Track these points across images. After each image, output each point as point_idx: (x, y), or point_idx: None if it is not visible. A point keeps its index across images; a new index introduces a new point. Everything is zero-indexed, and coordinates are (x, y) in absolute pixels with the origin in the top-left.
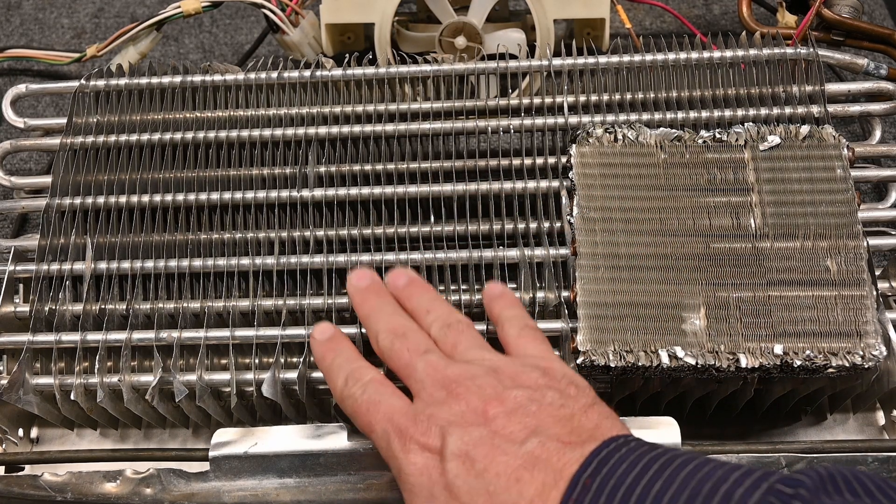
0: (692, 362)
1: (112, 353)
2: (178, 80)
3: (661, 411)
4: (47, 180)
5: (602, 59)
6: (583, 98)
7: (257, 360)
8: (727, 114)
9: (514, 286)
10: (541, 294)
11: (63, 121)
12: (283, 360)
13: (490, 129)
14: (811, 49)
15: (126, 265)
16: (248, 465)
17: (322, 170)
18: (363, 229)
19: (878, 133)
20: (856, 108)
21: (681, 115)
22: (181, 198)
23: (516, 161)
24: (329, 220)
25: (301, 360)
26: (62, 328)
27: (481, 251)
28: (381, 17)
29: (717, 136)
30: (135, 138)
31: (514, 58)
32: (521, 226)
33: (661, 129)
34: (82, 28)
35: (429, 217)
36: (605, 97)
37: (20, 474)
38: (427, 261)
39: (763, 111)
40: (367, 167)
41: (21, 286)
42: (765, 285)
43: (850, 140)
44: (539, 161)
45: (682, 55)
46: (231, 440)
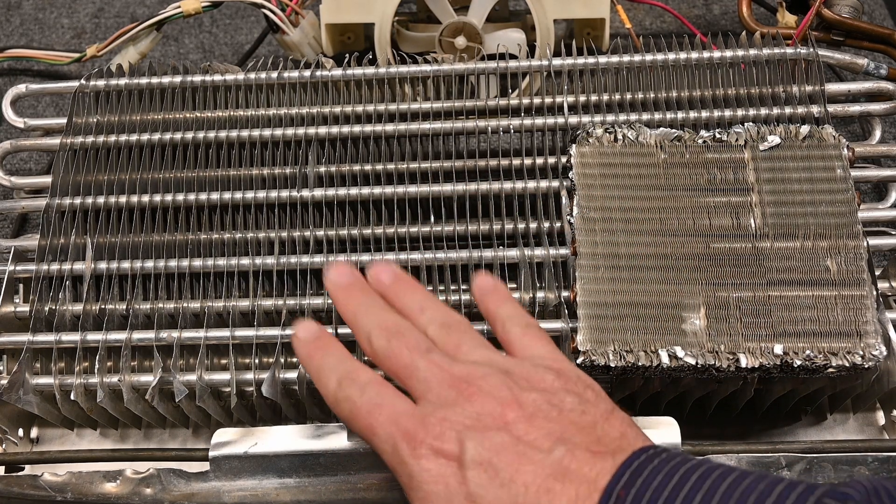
0: (692, 362)
1: (112, 353)
2: (178, 80)
3: (661, 411)
4: (47, 180)
5: (602, 59)
6: (583, 98)
7: (257, 360)
8: (727, 114)
9: (514, 286)
10: (541, 294)
11: (63, 121)
12: (283, 360)
13: (490, 129)
14: (811, 49)
15: (126, 265)
16: (248, 465)
17: (322, 170)
18: (363, 229)
19: (878, 133)
20: (856, 108)
21: (681, 115)
22: (181, 198)
23: (516, 161)
24: (329, 220)
25: None
26: (62, 328)
27: (481, 251)
28: (381, 17)
29: (717, 136)
30: (135, 138)
31: (514, 58)
32: (521, 226)
33: (661, 129)
34: (82, 28)
35: (429, 217)
36: (605, 97)
37: (20, 474)
38: (427, 261)
39: (763, 111)
40: (367, 167)
41: (21, 286)
42: (765, 285)
43: (850, 140)
44: (539, 161)
45: (682, 55)
46: (231, 440)
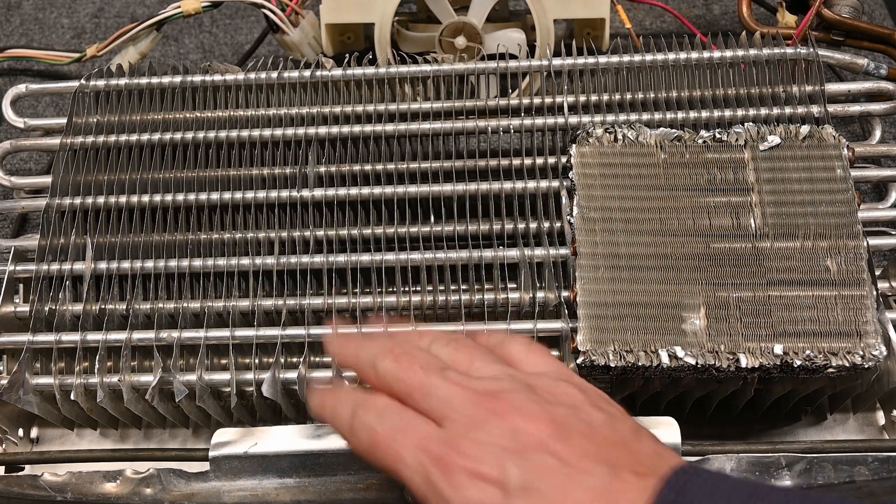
0: (692, 362)
1: (112, 353)
2: (178, 80)
3: (661, 411)
4: (47, 180)
5: (602, 59)
6: (583, 98)
7: (257, 360)
8: (727, 114)
9: (514, 286)
10: (541, 294)
11: (63, 121)
12: (283, 360)
13: (490, 129)
14: (811, 49)
15: (126, 265)
16: (248, 465)
17: (322, 170)
18: (363, 229)
19: (878, 133)
20: (856, 108)
21: (681, 115)
22: (181, 198)
23: (516, 161)
24: (329, 220)
25: (301, 360)
26: (62, 328)
27: (481, 251)
28: (381, 17)
29: (717, 136)
30: (135, 138)
31: (514, 58)
32: (521, 226)
33: (661, 129)
34: (82, 28)
35: (429, 217)
36: (605, 97)
37: (20, 474)
38: (427, 261)
39: (763, 111)
40: (367, 167)
41: (21, 286)
42: (765, 285)
43: (850, 140)
44: (539, 161)
45: (682, 55)
46: (231, 440)
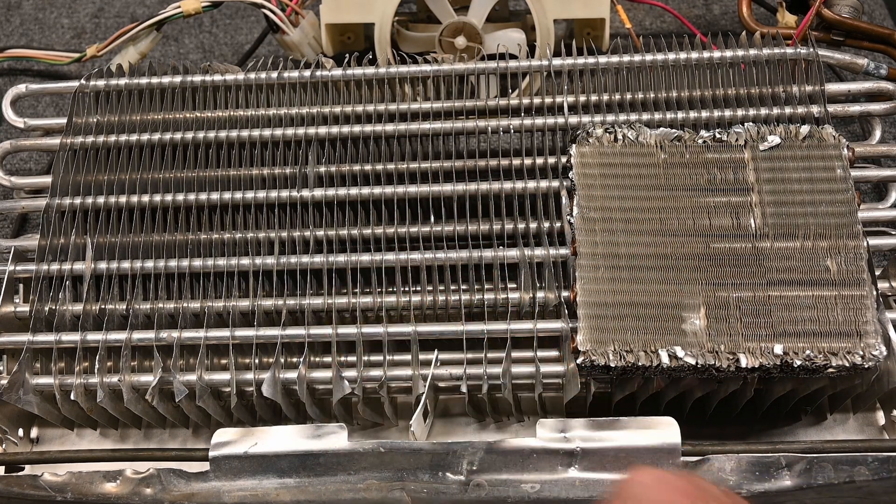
0: (692, 362)
1: (112, 353)
2: (178, 80)
3: (661, 411)
4: (47, 180)
5: (602, 59)
6: (583, 98)
7: (257, 360)
8: (727, 114)
9: (514, 286)
10: (541, 294)
11: (63, 121)
12: (283, 360)
13: (490, 129)
14: (811, 49)
15: (126, 265)
16: (248, 465)
17: (322, 170)
18: (363, 229)
19: (878, 133)
20: (856, 108)
21: (681, 115)
22: (181, 198)
23: (516, 161)
24: (329, 220)
25: (301, 360)
26: (62, 328)
27: (481, 251)
28: (381, 17)
29: (717, 136)
30: (135, 138)
31: (514, 58)
32: (521, 226)
33: (661, 129)
34: (82, 28)
35: (429, 217)
36: (605, 97)
37: (20, 474)
38: (427, 261)
39: (763, 111)
40: (367, 167)
41: (21, 286)
42: (765, 285)
43: (850, 140)
44: (539, 161)
45: (682, 55)
46: (231, 440)
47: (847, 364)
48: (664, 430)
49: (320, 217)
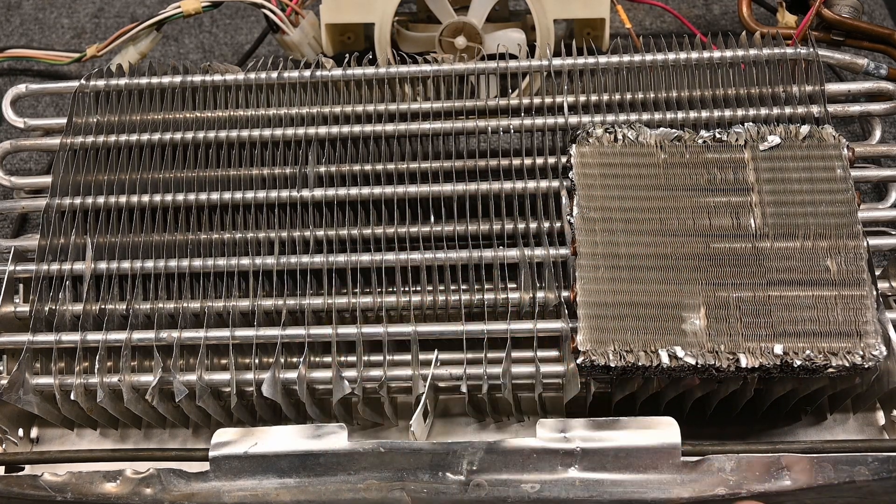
0: (692, 362)
1: (112, 353)
2: (178, 80)
3: (661, 411)
4: (47, 180)
5: (602, 59)
6: (583, 98)
7: (257, 360)
8: (727, 114)
9: (514, 286)
10: (541, 294)
11: (63, 121)
12: (283, 360)
13: (490, 129)
14: (811, 49)
15: (126, 265)
16: (248, 465)
17: (322, 170)
18: (363, 229)
19: (878, 133)
20: (856, 108)
21: (681, 115)
22: (181, 198)
23: (516, 161)
24: (329, 220)
25: (301, 360)
26: (62, 328)
27: (481, 251)
28: (381, 17)
29: (717, 136)
30: (135, 138)
31: (514, 58)
32: (521, 226)
33: (661, 129)
34: (82, 28)
35: (429, 217)
36: (605, 97)
37: (20, 474)
38: (427, 261)
39: (763, 111)
40: (367, 167)
41: (21, 286)
42: (765, 285)
43: (850, 140)
44: (539, 161)
45: (682, 55)
46: (231, 440)
47: (847, 364)
48: (664, 430)
49: (320, 217)
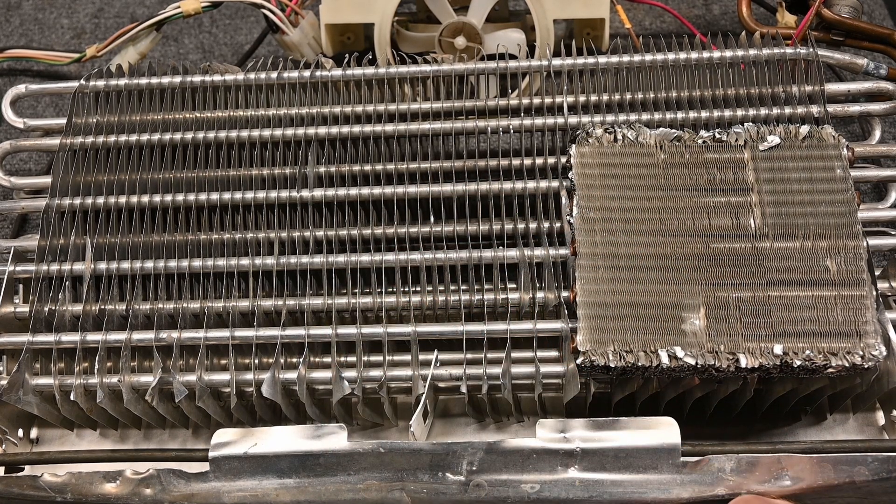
0: (692, 362)
1: (112, 354)
2: (177, 80)
3: (661, 411)
4: (47, 180)
5: (602, 60)
6: (582, 98)
7: (257, 361)
8: (727, 114)
9: (514, 286)
10: (541, 294)
11: (63, 121)
12: (282, 361)
13: (490, 129)
14: (811, 49)
15: (126, 265)
16: (248, 465)
17: (322, 170)
18: (363, 229)
19: (877, 133)
20: (856, 108)
21: (681, 115)
22: (181, 198)
23: (516, 161)
24: (329, 220)
25: (301, 360)
26: (62, 328)
27: (481, 251)
28: (380, 17)
29: (717, 136)
30: (135, 138)
31: (513, 58)
32: (521, 226)
33: (661, 129)
34: (82, 28)
35: (429, 217)
36: (605, 97)
37: (20, 475)
38: (427, 261)
39: (763, 111)
40: (367, 167)
41: (21, 286)
42: (765, 285)
43: (850, 140)
44: (539, 161)
45: (682, 55)
46: (231, 440)
47: (847, 364)
48: (664, 430)
49: (320, 217)
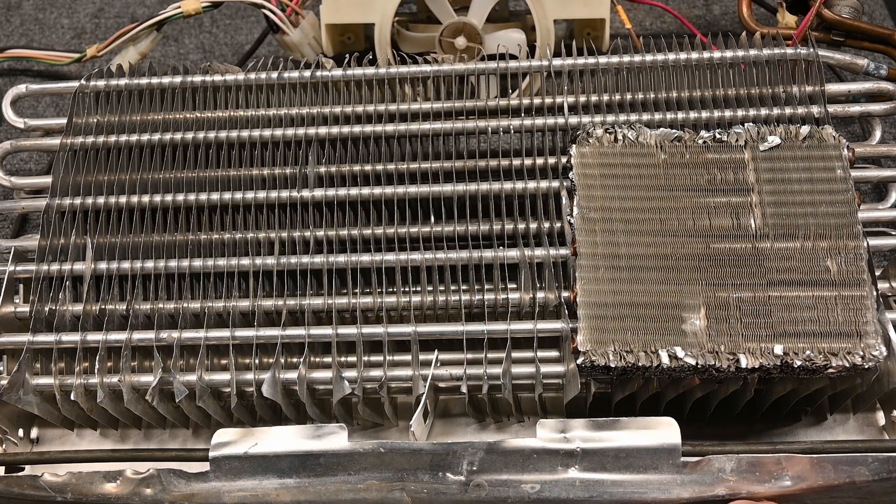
0: (692, 362)
1: (112, 354)
2: (178, 80)
3: (661, 411)
4: (47, 180)
5: (602, 60)
6: (583, 98)
7: (257, 361)
8: (727, 114)
9: (514, 286)
10: (541, 294)
11: (63, 121)
12: (283, 361)
13: (490, 129)
14: (811, 49)
15: (126, 265)
16: (248, 465)
17: (322, 170)
18: (363, 229)
19: (878, 133)
20: (856, 109)
21: (681, 115)
22: (181, 198)
23: (516, 161)
24: (329, 220)
25: (301, 360)
26: (62, 328)
27: (481, 251)
28: (381, 17)
29: (717, 136)
30: (135, 139)
31: (514, 58)
32: (521, 226)
33: (661, 129)
34: (82, 28)
35: (429, 217)
36: (605, 97)
37: (20, 474)
38: (427, 261)
39: (763, 111)
40: (367, 167)
41: (21, 286)
42: (765, 285)
43: (850, 140)
44: (539, 161)
45: (682, 55)
46: (231, 440)
47: (847, 364)
48: (664, 431)
49: (320, 217)
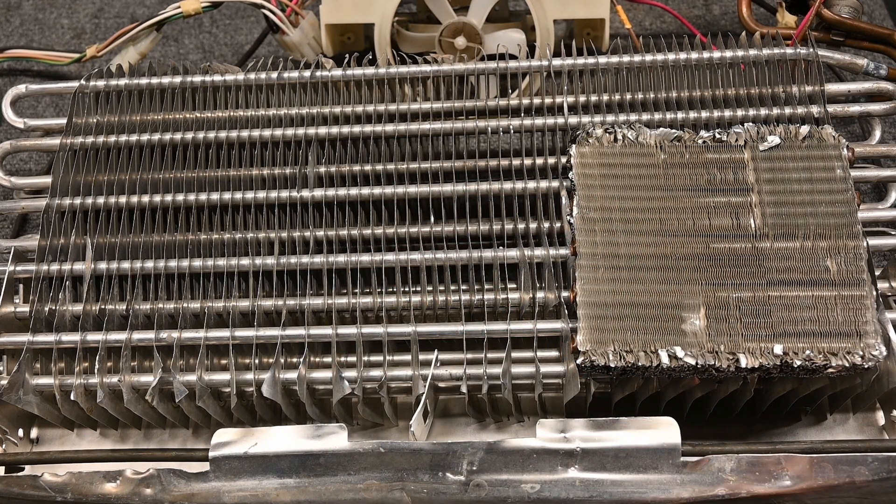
0: (692, 362)
1: (112, 354)
2: (178, 80)
3: (661, 411)
4: (47, 180)
5: (602, 60)
6: (583, 98)
7: (257, 361)
8: (727, 114)
9: (514, 286)
10: (541, 294)
11: (63, 121)
12: (283, 361)
13: (490, 129)
14: (811, 49)
15: (126, 265)
16: (248, 465)
17: (322, 170)
18: (363, 229)
19: (877, 133)
20: (856, 109)
21: (681, 115)
22: (181, 198)
23: (516, 161)
24: (329, 220)
25: (301, 360)
26: (62, 328)
27: (481, 251)
28: (381, 17)
29: (717, 136)
30: (135, 139)
31: (514, 58)
32: (521, 226)
33: (661, 129)
34: (82, 28)
35: (429, 217)
36: (605, 97)
37: (20, 474)
38: (427, 261)
39: (763, 111)
40: (367, 167)
41: (21, 286)
42: (765, 285)
43: (850, 140)
44: (539, 161)
45: (682, 55)
46: (231, 440)
47: (847, 364)
48: (664, 430)
49: (320, 217)
